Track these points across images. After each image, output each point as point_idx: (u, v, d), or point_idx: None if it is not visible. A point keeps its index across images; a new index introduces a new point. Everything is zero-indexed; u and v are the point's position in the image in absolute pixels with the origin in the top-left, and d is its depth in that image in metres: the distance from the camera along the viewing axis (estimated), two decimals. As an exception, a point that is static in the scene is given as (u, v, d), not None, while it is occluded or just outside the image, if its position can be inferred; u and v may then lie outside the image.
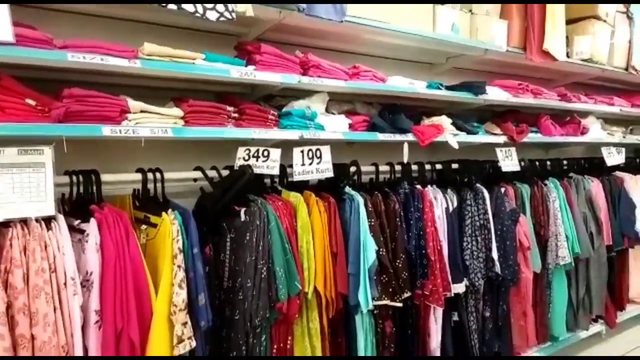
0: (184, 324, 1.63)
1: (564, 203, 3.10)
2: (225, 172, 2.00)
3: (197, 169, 1.98)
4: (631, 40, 3.63)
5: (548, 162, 3.38)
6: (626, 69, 3.63)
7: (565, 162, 3.52)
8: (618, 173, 3.67)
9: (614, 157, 3.56)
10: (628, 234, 3.46)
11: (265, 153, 1.97)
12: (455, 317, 2.63)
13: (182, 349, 1.61)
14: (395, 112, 2.59)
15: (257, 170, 1.96)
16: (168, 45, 1.75)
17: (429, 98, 2.74)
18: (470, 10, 2.81)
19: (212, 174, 1.99)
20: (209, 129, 1.85)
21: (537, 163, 3.30)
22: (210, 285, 1.85)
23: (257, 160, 1.96)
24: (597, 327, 3.41)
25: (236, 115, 1.97)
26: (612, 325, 3.45)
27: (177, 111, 1.79)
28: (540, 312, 3.04)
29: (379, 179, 2.54)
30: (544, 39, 3.01)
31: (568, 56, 3.21)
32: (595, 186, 3.37)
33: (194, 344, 1.65)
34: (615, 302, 3.53)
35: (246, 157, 1.95)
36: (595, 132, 3.58)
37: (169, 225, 1.66)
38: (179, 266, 1.64)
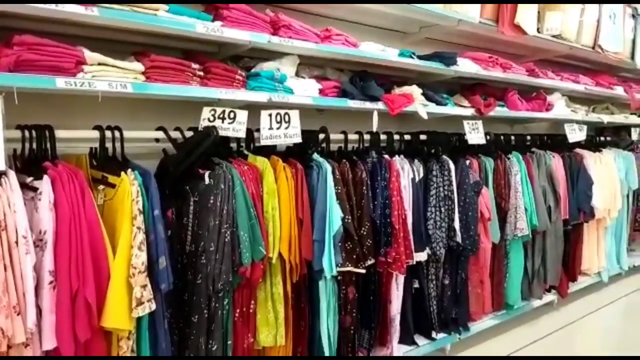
0: (144, 286, 1.59)
1: (525, 177, 3.19)
2: (189, 134, 1.93)
3: (159, 129, 1.91)
4: (599, 19, 3.68)
5: (512, 137, 3.45)
6: (593, 48, 3.69)
7: (528, 137, 3.60)
8: (578, 150, 3.78)
9: (575, 134, 3.66)
10: (584, 209, 3.60)
11: (232, 115, 1.91)
12: (416, 285, 2.70)
13: (141, 311, 1.58)
14: (366, 79, 2.55)
15: (222, 133, 1.90)
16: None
17: (401, 67, 2.71)
18: (445, -19, 2.77)
19: (175, 134, 1.92)
20: (172, 86, 1.77)
21: (502, 137, 3.36)
22: (172, 249, 1.82)
23: (222, 122, 1.90)
24: (550, 297, 3.57)
25: (201, 73, 1.89)
26: (564, 295, 3.62)
27: (138, 66, 1.70)
28: (496, 281, 3.15)
29: (348, 148, 2.52)
30: (516, 12, 3.01)
31: (539, 31, 3.23)
32: (555, 162, 3.46)
33: (153, 306, 1.62)
34: (568, 274, 3.69)
35: (211, 119, 1.88)
36: (560, 109, 3.65)
37: (128, 186, 1.59)
38: (138, 228, 1.59)
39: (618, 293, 4.03)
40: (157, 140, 1.94)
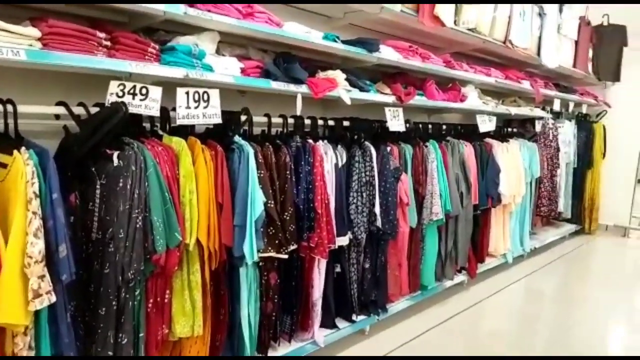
0: (41, 277, 1.44)
1: (441, 164, 3.32)
2: (95, 110, 1.76)
3: (59, 104, 1.71)
4: (511, 16, 3.91)
5: (430, 125, 3.58)
6: (504, 43, 3.92)
7: (444, 126, 3.76)
8: (488, 139, 4.02)
9: (486, 125, 3.88)
10: (492, 194, 3.84)
11: (144, 91, 1.76)
12: (338, 269, 2.72)
13: (39, 304, 1.43)
14: (290, 61, 2.49)
15: (133, 110, 1.74)
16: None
17: (324, 51, 2.69)
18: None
19: (78, 110, 1.74)
20: (73, 55, 1.58)
21: (420, 125, 3.47)
22: (75, 236, 1.66)
23: (133, 98, 1.75)
24: (461, 277, 3.78)
25: (109, 44, 1.72)
26: (473, 276, 3.86)
27: (34, 31, 1.50)
28: (413, 264, 3.27)
29: (271, 131, 2.46)
30: (436, 4, 3.10)
31: (456, 24, 3.36)
32: (468, 150, 3.65)
33: (53, 298, 1.47)
34: (476, 255, 3.94)
35: (120, 94, 1.72)
36: (473, 100, 3.85)
37: (22, 166, 1.42)
38: (34, 213, 1.43)
39: (521, 273, 4.37)
40: (57, 116, 1.75)
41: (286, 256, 2.23)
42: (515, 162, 4.17)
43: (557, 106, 5.07)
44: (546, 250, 5.14)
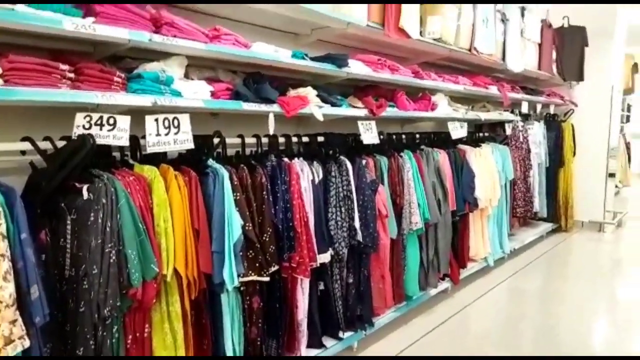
0: (13, 321, 1.38)
1: (417, 173, 3.35)
2: (62, 144, 1.71)
3: (24, 139, 1.66)
4: (474, 24, 4.00)
5: (403, 136, 3.62)
6: (469, 50, 4.00)
7: (417, 135, 3.80)
8: (461, 146, 4.08)
9: (458, 131, 3.94)
10: (469, 200, 3.89)
11: (111, 121, 1.73)
12: (321, 287, 2.70)
13: (11, 351, 1.37)
14: (260, 81, 2.49)
15: (101, 141, 1.70)
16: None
17: (294, 69, 2.70)
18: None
19: (45, 145, 1.69)
20: (36, 90, 1.54)
21: (394, 136, 3.50)
22: (48, 275, 1.61)
23: (101, 129, 1.71)
24: (444, 285, 3.80)
25: (73, 75, 1.68)
26: (457, 282, 3.88)
27: (-8, 67, 1.47)
28: (396, 275, 3.27)
29: (245, 152, 2.44)
30: (400, 17, 3.16)
31: (421, 35, 3.42)
32: (442, 157, 3.69)
33: (27, 343, 1.41)
34: (458, 261, 3.96)
35: (87, 126, 1.68)
36: (443, 108, 3.90)
37: (-14, 207, 1.37)
38: (2, 255, 1.37)
39: (503, 275, 4.42)
40: (23, 152, 1.69)
41: (267, 279, 2.20)
42: (488, 166, 4.24)
43: (525, 108, 5.19)
44: (526, 251, 5.23)
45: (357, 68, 2.92)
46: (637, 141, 10.62)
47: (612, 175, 6.30)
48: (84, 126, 1.69)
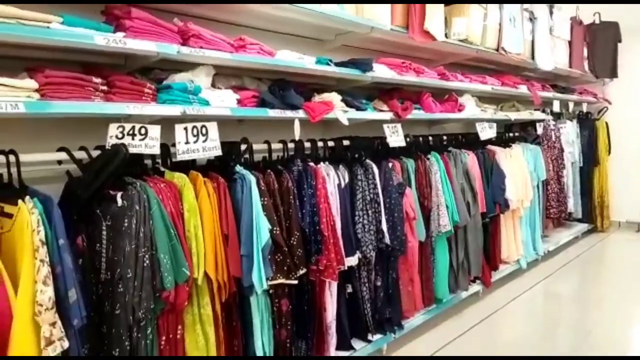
0: (53, 324, 1.45)
1: (444, 175, 3.32)
2: (96, 153, 1.79)
3: (61, 149, 1.75)
4: (501, 23, 3.95)
5: (430, 138, 3.59)
6: (497, 50, 3.95)
7: (445, 137, 3.76)
8: (490, 147, 4.02)
9: (486, 132, 3.88)
10: (499, 201, 3.82)
11: (143, 130, 1.80)
12: (349, 289, 2.70)
13: (52, 351, 1.44)
14: (285, 88, 2.53)
15: (133, 150, 1.78)
16: (19, 7, 1.50)
17: (319, 74, 2.73)
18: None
19: (80, 155, 1.77)
20: (71, 103, 1.62)
21: (420, 139, 3.48)
22: (85, 279, 1.68)
23: (133, 139, 1.78)
24: (475, 287, 3.74)
25: (105, 88, 1.76)
26: (488, 285, 3.81)
27: (31, 82, 1.54)
28: (425, 277, 3.24)
29: (272, 157, 2.48)
30: (425, 19, 3.14)
31: (446, 37, 3.40)
32: (470, 159, 3.65)
33: (66, 344, 1.48)
34: (490, 264, 3.90)
35: (120, 135, 1.76)
36: (471, 109, 3.86)
37: (27, 215, 1.44)
38: (41, 260, 1.44)
39: (536, 278, 4.31)
40: (59, 162, 1.77)
41: (296, 282, 2.23)
42: (519, 166, 4.16)
43: (556, 107, 5.07)
44: (560, 252, 5.08)
45: (381, 72, 2.93)
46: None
47: (649, 173, 6.06)
48: (117, 136, 1.76)
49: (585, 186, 5.63)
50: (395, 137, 3.02)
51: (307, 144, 2.65)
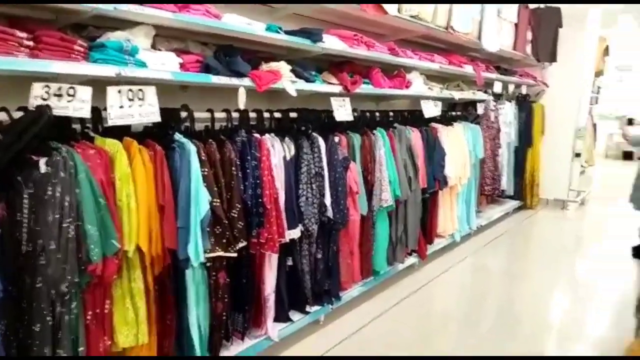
0: (-35, 299, 1.34)
1: (389, 151, 3.36)
2: (18, 114, 1.63)
3: (-23, 109, 1.58)
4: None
5: (377, 113, 3.60)
6: (446, 28, 3.97)
7: (391, 113, 3.79)
8: (434, 124, 4.10)
9: (431, 110, 3.95)
10: (439, 177, 3.94)
11: (71, 91, 1.65)
12: (290, 262, 2.71)
13: (-36, 328, 1.34)
14: (232, 54, 2.41)
15: (60, 112, 1.63)
16: None
17: (268, 42, 2.63)
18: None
19: (1, 116, 1.62)
20: (-11, 58, 1.46)
21: (367, 114, 3.49)
22: (3, 250, 1.56)
23: (59, 100, 1.64)
24: (411, 260, 3.88)
25: (31, 43, 1.59)
26: (424, 257, 3.96)
27: (-61, 33, 1.37)
28: (365, 250, 3.31)
29: (215, 127, 2.39)
30: (379, -8, 3.09)
31: (399, 11, 3.37)
32: (415, 136, 3.71)
33: (-20, 320, 1.38)
34: (426, 237, 4.04)
35: (45, 96, 1.60)
36: (418, 86, 3.89)
37: None
38: (-49, 231, 1.32)
39: (468, 250, 4.54)
40: (-24, 122, 1.61)
41: (235, 254, 2.20)
42: (460, 144, 4.29)
43: (498, 88, 5.24)
44: (491, 227, 5.37)
45: (332, 43, 2.87)
46: (604, 122, 10.89)
47: (578, 155, 6.46)
48: (42, 97, 1.61)
49: (519, 165, 5.93)
50: (343, 111, 3.00)
51: (253, 114, 2.58)
